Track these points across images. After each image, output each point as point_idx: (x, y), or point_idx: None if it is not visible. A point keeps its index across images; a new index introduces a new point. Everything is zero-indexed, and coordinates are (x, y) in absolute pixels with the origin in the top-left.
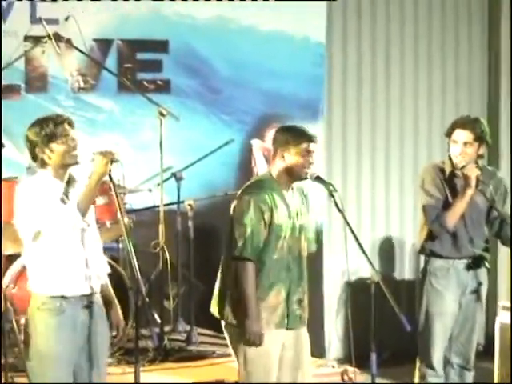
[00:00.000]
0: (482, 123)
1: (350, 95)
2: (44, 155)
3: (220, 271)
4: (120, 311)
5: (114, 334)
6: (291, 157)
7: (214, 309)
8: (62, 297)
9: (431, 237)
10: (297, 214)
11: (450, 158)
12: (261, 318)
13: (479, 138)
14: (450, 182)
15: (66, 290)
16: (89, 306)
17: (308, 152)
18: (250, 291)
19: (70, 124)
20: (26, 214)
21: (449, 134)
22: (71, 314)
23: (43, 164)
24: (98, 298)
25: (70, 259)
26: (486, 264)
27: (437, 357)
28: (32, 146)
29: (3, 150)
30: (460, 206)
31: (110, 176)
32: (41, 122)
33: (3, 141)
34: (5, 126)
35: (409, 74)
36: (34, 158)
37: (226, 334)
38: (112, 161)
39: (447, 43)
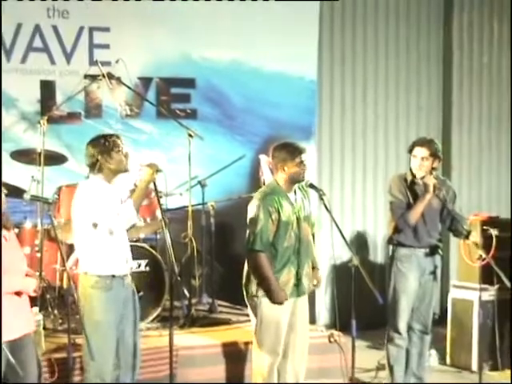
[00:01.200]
0: (435, 143)
1: (335, 121)
2: (104, 161)
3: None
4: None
5: None
6: (290, 169)
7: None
8: (112, 276)
9: (397, 230)
10: (300, 209)
11: (411, 170)
12: (281, 288)
13: (433, 154)
14: (411, 188)
15: (114, 270)
16: (127, 283)
17: (301, 162)
18: (267, 273)
19: (121, 140)
20: (83, 210)
21: (410, 151)
22: (116, 290)
23: (100, 170)
24: (129, 278)
25: (116, 247)
26: (440, 252)
27: (402, 324)
28: (92, 155)
29: (67, 163)
30: (420, 207)
31: (154, 183)
32: (103, 136)
33: (67, 155)
34: (69, 144)
35: (381, 104)
36: (92, 165)
37: (248, 304)
38: (157, 171)
39: (411, 80)
